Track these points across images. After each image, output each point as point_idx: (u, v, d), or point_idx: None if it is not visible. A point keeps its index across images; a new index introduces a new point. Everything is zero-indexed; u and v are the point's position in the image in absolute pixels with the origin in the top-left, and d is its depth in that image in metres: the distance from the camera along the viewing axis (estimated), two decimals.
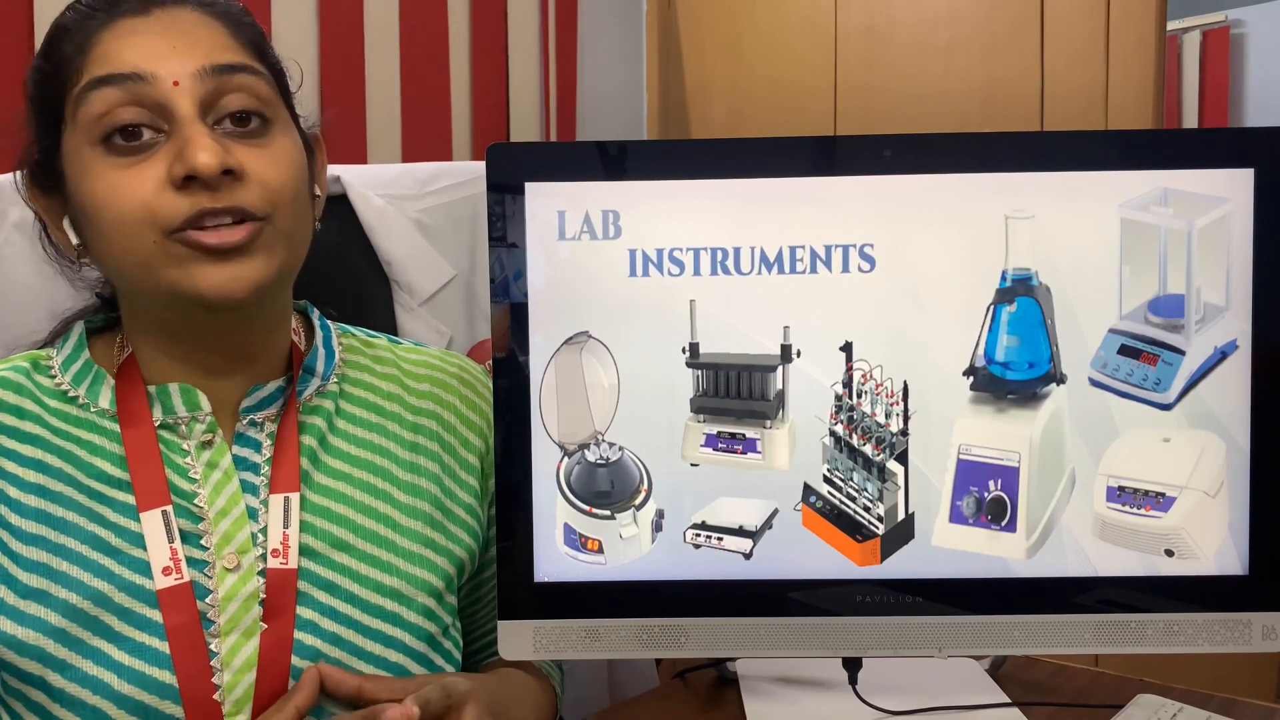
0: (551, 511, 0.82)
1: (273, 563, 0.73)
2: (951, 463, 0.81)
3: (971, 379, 0.81)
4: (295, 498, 0.75)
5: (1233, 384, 0.80)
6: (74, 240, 0.74)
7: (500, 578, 0.81)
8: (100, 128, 0.69)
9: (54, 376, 0.77)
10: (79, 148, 0.70)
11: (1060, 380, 0.81)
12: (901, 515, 0.82)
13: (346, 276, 1.10)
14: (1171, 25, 2.59)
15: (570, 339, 0.81)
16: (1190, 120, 3.02)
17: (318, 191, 0.80)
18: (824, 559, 0.82)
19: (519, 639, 0.81)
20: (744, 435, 0.81)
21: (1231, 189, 0.79)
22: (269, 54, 0.76)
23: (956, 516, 0.82)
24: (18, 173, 0.77)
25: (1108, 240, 0.80)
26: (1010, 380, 0.81)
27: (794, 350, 0.81)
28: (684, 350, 0.81)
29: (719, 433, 0.82)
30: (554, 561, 0.82)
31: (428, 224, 1.16)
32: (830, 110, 2.29)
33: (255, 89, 0.72)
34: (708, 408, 0.81)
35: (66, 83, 0.71)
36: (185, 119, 0.69)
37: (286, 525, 0.74)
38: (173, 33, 0.71)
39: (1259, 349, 0.80)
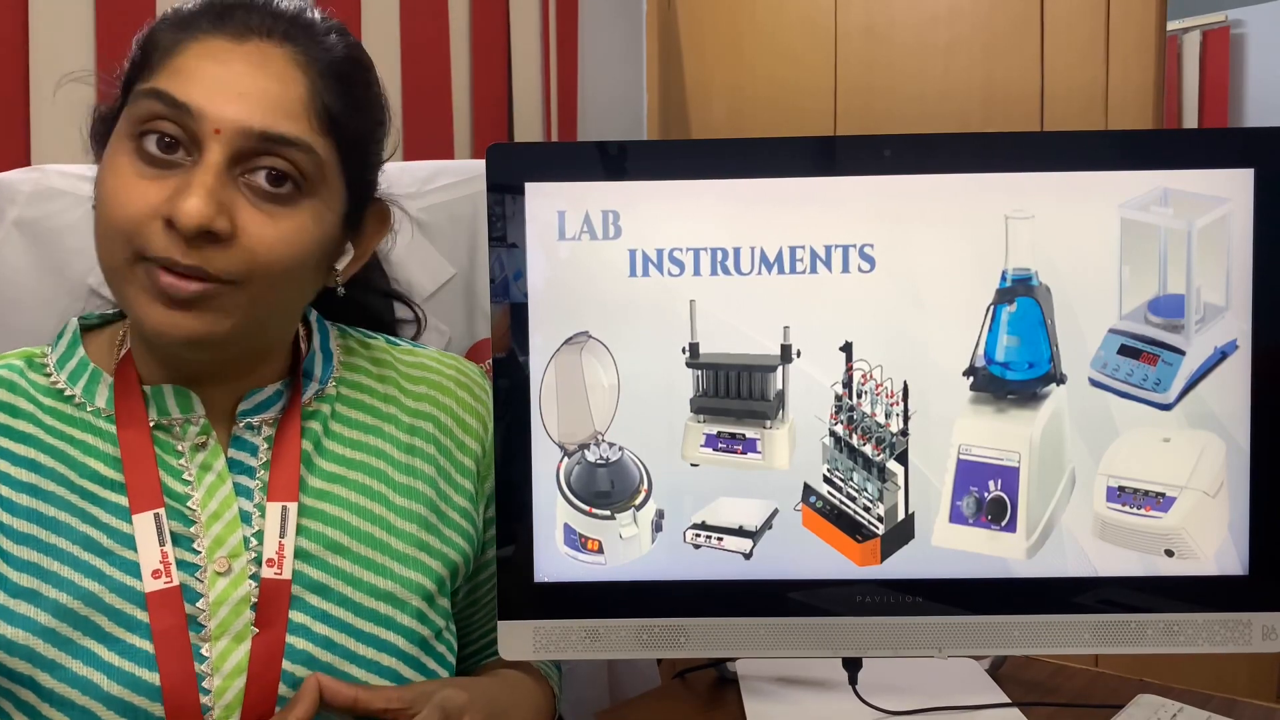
0: (551, 512, 0.82)
1: (267, 572, 0.73)
2: (951, 463, 0.81)
3: (971, 379, 0.81)
4: (293, 507, 0.75)
5: (1233, 384, 0.80)
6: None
7: (500, 578, 0.81)
8: (139, 127, 0.69)
9: (49, 374, 0.76)
10: (120, 134, 0.70)
11: (1060, 380, 0.81)
12: (901, 515, 0.82)
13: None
14: (1171, 25, 2.59)
15: (570, 339, 0.81)
16: (1190, 120, 3.02)
17: (339, 264, 0.77)
18: (824, 559, 0.82)
19: (519, 639, 0.81)
20: (744, 435, 0.81)
21: (1231, 189, 0.79)
22: (352, 123, 0.73)
23: (956, 516, 0.82)
24: (92, 120, 0.76)
25: (1108, 240, 0.80)
26: (1010, 380, 0.81)
27: (794, 350, 0.80)
28: (684, 350, 0.81)
29: (719, 433, 0.82)
30: (554, 562, 0.82)
31: (427, 223, 1.16)
32: (830, 110, 2.29)
33: (299, 164, 0.69)
34: (708, 408, 0.81)
35: (141, 71, 0.71)
36: (208, 163, 0.67)
37: (283, 535, 0.74)
38: (246, 77, 0.69)
39: (1259, 349, 0.80)
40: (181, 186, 0.67)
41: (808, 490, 0.82)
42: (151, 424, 0.75)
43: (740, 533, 0.82)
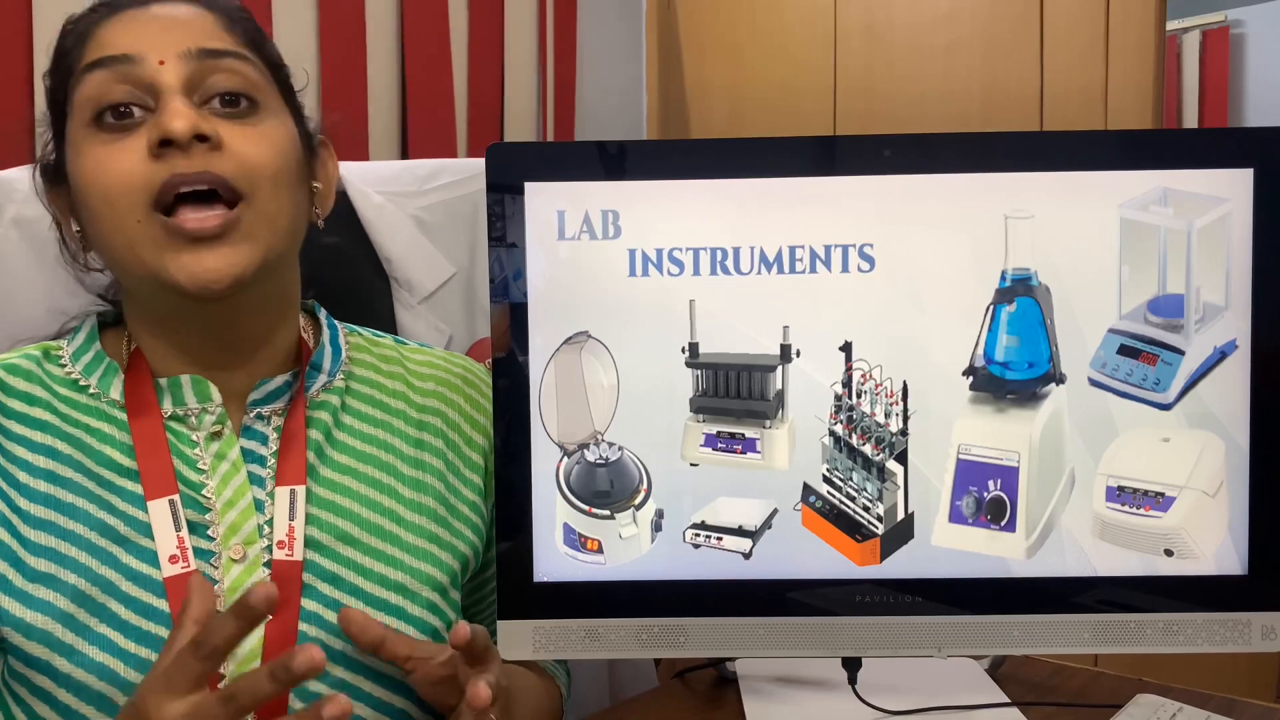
0: (551, 511, 0.82)
1: (278, 554, 0.74)
2: (951, 462, 0.81)
3: (971, 379, 0.81)
4: (301, 490, 0.76)
5: (1232, 384, 0.80)
6: (74, 229, 0.76)
7: (500, 577, 0.81)
8: (92, 108, 0.71)
9: (64, 366, 0.78)
10: (75, 131, 0.72)
11: (1060, 380, 0.81)
12: (901, 515, 0.82)
13: (346, 274, 1.10)
14: (1171, 25, 2.59)
15: (570, 339, 0.81)
16: (1190, 120, 3.02)
17: (317, 185, 0.80)
18: (823, 559, 0.82)
19: (518, 639, 0.81)
20: (743, 435, 0.81)
21: (1231, 189, 0.79)
22: (266, 48, 0.77)
23: (956, 516, 0.82)
24: (35, 172, 0.79)
25: (1107, 240, 0.80)
26: (1010, 380, 0.81)
27: (794, 350, 0.80)
28: (683, 350, 0.81)
29: (718, 432, 0.82)
30: (553, 561, 0.82)
31: (427, 221, 1.16)
32: (830, 110, 2.29)
33: (244, 72, 0.73)
34: (707, 407, 0.81)
35: (69, 73, 0.73)
36: (168, 92, 0.70)
37: (292, 517, 0.75)
38: (165, 19, 0.73)
39: (1259, 349, 0.80)
40: (156, 121, 0.69)
41: (807, 490, 0.82)
42: (166, 415, 0.76)
43: (740, 532, 0.82)
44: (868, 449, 0.81)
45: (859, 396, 0.81)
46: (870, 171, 0.80)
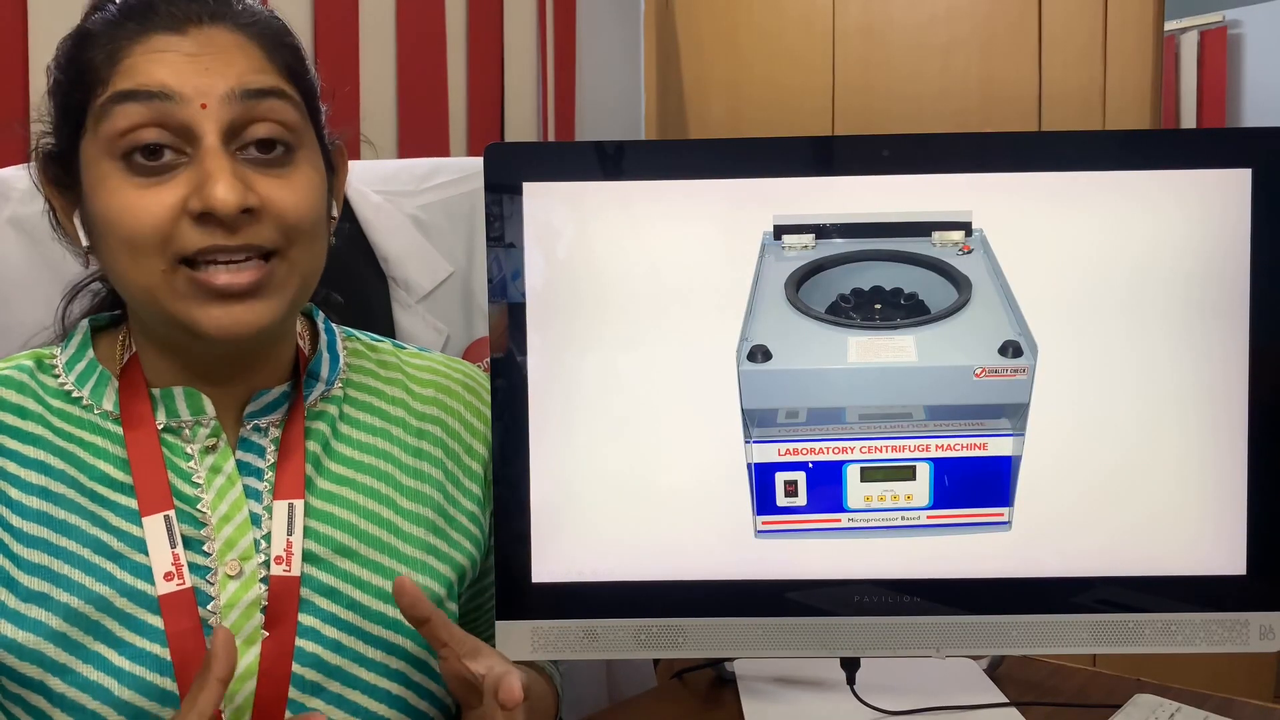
0: (550, 511, 0.81)
1: (276, 570, 0.73)
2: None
3: None
4: (300, 505, 0.74)
5: (1232, 384, 0.80)
6: (84, 242, 0.73)
7: (498, 578, 0.81)
8: (122, 144, 0.67)
9: (58, 376, 0.76)
10: (98, 158, 0.69)
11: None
12: None
13: (343, 273, 1.10)
14: (1169, 25, 2.59)
15: (569, 339, 0.81)
16: (1188, 120, 3.02)
17: (334, 213, 0.78)
18: (822, 559, 0.82)
19: (517, 639, 0.81)
20: None
21: (1229, 189, 0.79)
22: (303, 73, 0.74)
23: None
24: (32, 159, 0.75)
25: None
26: None
27: None
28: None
29: None
30: (552, 561, 0.82)
31: (425, 220, 1.16)
32: (828, 110, 2.29)
33: (283, 116, 0.70)
34: None
35: (91, 90, 0.69)
36: (209, 147, 0.67)
37: (290, 532, 0.73)
38: (206, 53, 0.68)
39: (1259, 349, 0.80)
40: (199, 179, 0.67)
41: None
42: (160, 427, 0.74)
43: None
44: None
45: None
46: (869, 171, 0.80)
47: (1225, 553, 0.81)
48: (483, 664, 0.71)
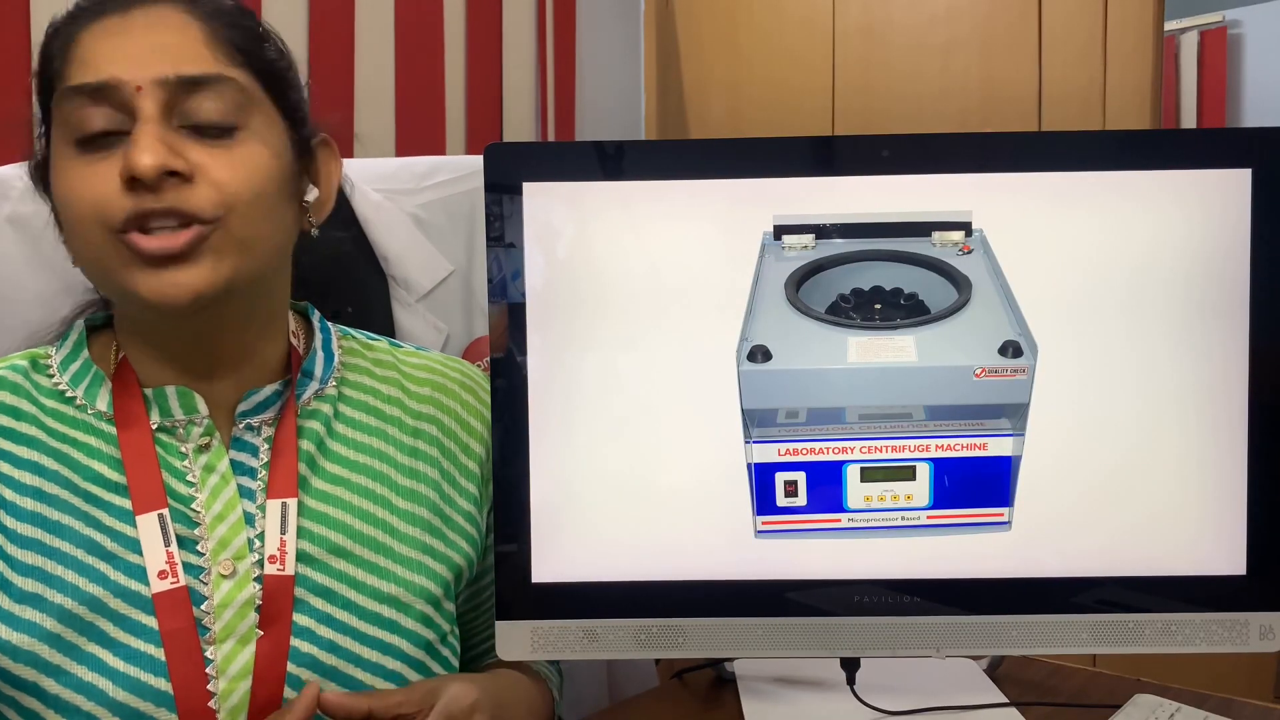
0: (550, 511, 0.81)
1: (270, 569, 0.72)
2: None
3: None
4: (293, 503, 0.74)
5: (1232, 384, 0.80)
6: (60, 235, 0.74)
7: (498, 578, 0.81)
8: (75, 134, 0.69)
9: (52, 376, 0.76)
10: (58, 145, 0.71)
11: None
12: None
13: (343, 272, 1.10)
14: (1169, 25, 2.59)
15: (569, 339, 0.81)
16: (1188, 120, 3.02)
17: (309, 197, 0.78)
18: (822, 559, 0.82)
19: (517, 639, 0.81)
20: None
21: (1229, 189, 0.79)
22: (258, 54, 0.74)
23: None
24: (30, 167, 0.77)
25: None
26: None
27: None
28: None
29: None
30: (552, 562, 0.82)
31: (425, 219, 1.16)
32: (828, 110, 2.29)
33: (223, 98, 0.70)
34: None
35: (52, 84, 0.72)
36: (142, 119, 0.68)
37: (284, 531, 0.73)
38: (148, 37, 0.70)
39: (1259, 349, 0.80)
40: (125, 154, 0.68)
41: None
42: (154, 426, 0.74)
43: None
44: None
45: None
46: (868, 171, 0.80)
47: (1225, 553, 0.81)
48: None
